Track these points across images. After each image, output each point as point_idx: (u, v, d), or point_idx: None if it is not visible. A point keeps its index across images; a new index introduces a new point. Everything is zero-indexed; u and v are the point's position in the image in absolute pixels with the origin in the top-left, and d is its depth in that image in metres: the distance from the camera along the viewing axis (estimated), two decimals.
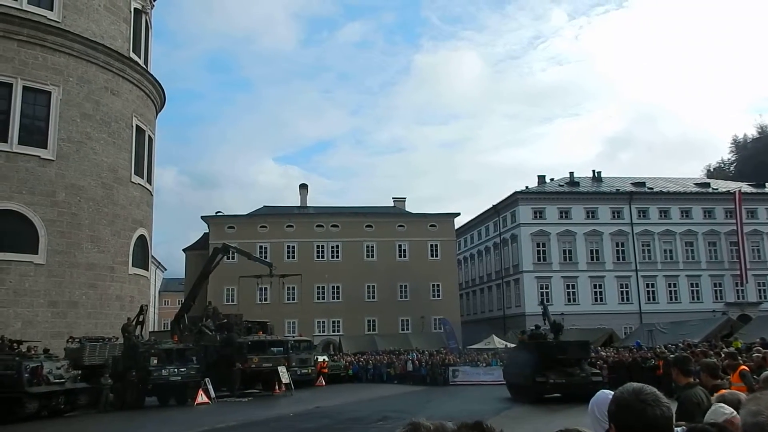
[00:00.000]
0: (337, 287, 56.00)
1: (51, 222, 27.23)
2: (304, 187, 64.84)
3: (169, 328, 34.35)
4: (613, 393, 2.96)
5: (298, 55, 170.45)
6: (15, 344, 21.87)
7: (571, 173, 61.49)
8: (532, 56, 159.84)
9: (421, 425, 1.79)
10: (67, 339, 25.12)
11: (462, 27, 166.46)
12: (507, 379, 25.23)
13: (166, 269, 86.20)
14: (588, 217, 56.26)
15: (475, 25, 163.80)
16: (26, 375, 19.31)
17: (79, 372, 21.65)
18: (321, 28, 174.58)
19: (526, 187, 58.72)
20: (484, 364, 34.30)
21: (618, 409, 1.91)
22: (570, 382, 21.32)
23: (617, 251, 56.14)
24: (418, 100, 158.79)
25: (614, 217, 56.52)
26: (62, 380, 20.51)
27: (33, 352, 21.84)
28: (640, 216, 56.75)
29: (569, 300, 54.66)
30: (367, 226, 57.74)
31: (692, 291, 55.94)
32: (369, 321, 54.78)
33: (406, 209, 63.00)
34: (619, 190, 58.22)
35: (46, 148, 27.48)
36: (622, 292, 55.55)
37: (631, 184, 60.05)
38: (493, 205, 61.77)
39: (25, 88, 27.09)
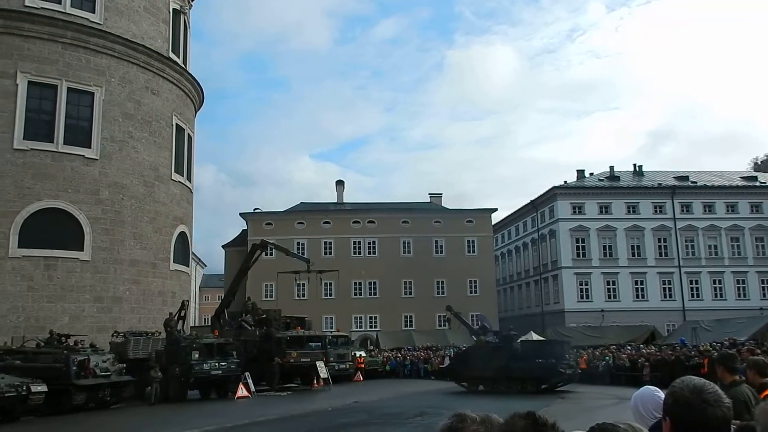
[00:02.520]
0: (374, 283, 56.15)
1: (95, 220, 27.91)
2: (340, 183, 65.15)
3: (209, 324, 34.91)
4: (657, 390, 2.92)
5: (333, 53, 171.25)
6: (63, 338, 22.51)
7: (611, 167, 60.41)
8: (570, 49, 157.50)
9: (467, 416, 1.80)
10: (112, 333, 25.77)
11: (496, 21, 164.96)
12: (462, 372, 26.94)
13: (206, 265, 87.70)
14: (629, 212, 55.23)
15: (509, 19, 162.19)
16: (74, 368, 19.82)
17: (124, 365, 22.15)
18: (355, 25, 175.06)
19: (565, 182, 57.94)
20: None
21: (676, 406, 1.84)
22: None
23: (659, 247, 54.99)
24: (453, 96, 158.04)
25: (656, 211, 55.37)
26: (108, 373, 21.02)
27: (80, 345, 22.45)
28: (683, 211, 55.47)
29: (609, 296, 53.83)
30: (403, 222, 57.72)
31: (738, 288, 54.47)
32: (406, 317, 54.82)
33: (443, 205, 62.75)
34: (661, 184, 56.96)
35: (90, 147, 28.16)
36: (664, 288, 54.40)
37: (674, 178, 58.70)
38: (531, 201, 61.12)
39: (69, 89, 27.80)
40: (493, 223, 62.47)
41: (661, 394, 2.65)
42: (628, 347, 34.12)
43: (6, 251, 25.58)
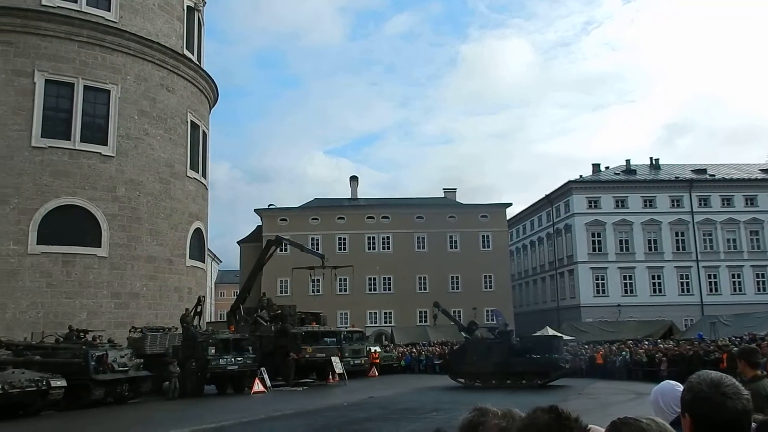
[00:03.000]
0: (389, 279, 56.16)
1: (112, 216, 28.16)
2: (354, 179, 65.16)
3: (225, 319, 35.12)
4: (678, 384, 2.89)
5: (345, 49, 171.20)
6: (81, 334, 22.76)
7: (628, 161, 59.91)
8: (585, 42, 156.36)
9: (488, 410, 1.80)
10: (129, 329, 25.99)
11: (510, 15, 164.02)
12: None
13: (221, 261, 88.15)
14: (645, 205, 54.76)
15: (523, 13, 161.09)
16: (92, 363, 20.02)
17: (141, 361, 22.35)
18: (367, 21, 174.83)
19: (580, 176, 57.53)
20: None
21: (695, 401, 1.81)
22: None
23: (677, 241, 54.48)
24: (467, 91, 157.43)
25: (673, 205, 54.84)
26: (126, 368, 21.20)
27: (98, 341, 22.70)
28: (701, 204, 54.89)
29: (626, 291, 53.46)
30: (417, 218, 57.66)
31: (758, 282, 53.85)
32: (420, 312, 54.74)
33: (457, 200, 62.61)
34: (678, 177, 56.38)
35: (106, 144, 28.40)
36: (682, 283, 53.89)
37: (691, 171, 58.10)
38: (546, 195, 60.78)
39: (85, 87, 28.04)
40: (508, 217, 62.22)
41: (681, 389, 2.62)
42: (646, 342, 33.90)
43: (25, 248, 25.89)
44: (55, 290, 26.26)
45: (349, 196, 63.51)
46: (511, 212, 63.32)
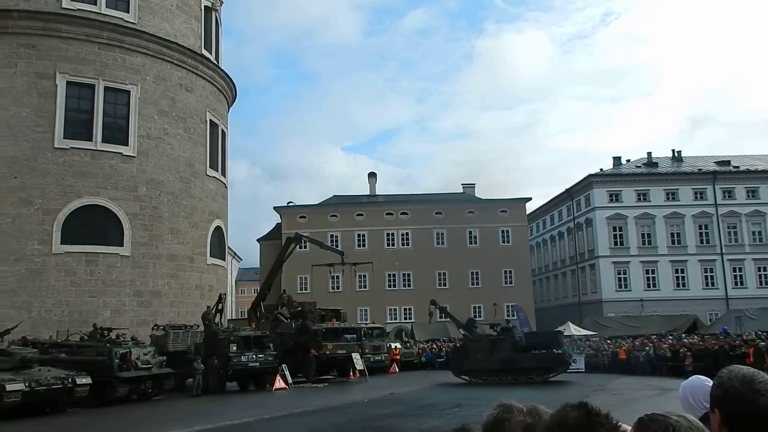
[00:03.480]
0: (408, 275, 56.15)
1: (134, 216, 28.44)
2: (372, 175, 65.22)
3: (246, 316, 35.32)
4: (707, 379, 2.83)
5: (362, 46, 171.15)
6: (105, 332, 23.01)
7: (649, 153, 59.25)
8: (603, 34, 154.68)
9: (513, 406, 1.78)
10: (152, 327, 26.22)
11: (527, 8, 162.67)
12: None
13: (241, 259, 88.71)
14: (668, 198, 54.13)
15: (540, 5, 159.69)
16: (116, 361, 20.26)
17: (164, 358, 22.55)
18: (383, 17, 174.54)
19: (601, 170, 57.03)
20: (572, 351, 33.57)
21: (726, 397, 1.76)
22: None
23: (700, 234, 53.79)
24: (484, 85, 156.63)
25: (697, 198, 54.14)
26: (149, 366, 21.42)
27: (122, 339, 22.95)
28: (725, 196, 54.12)
29: (649, 286, 52.94)
30: (436, 213, 57.54)
31: None
32: (446, 308, 54.53)
33: (476, 195, 62.37)
34: (701, 169, 55.63)
35: (127, 145, 28.67)
36: (706, 276, 53.23)
37: (715, 162, 57.30)
38: (566, 189, 60.36)
39: (106, 88, 28.32)
40: (528, 212, 61.88)
41: (711, 384, 2.57)
42: (669, 337, 33.59)
43: (50, 248, 26.26)
44: (79, 289, 26.61)
45: (368, 193, 63.56)
46: (530, 207, 63.04)
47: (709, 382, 2.74)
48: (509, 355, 25.29)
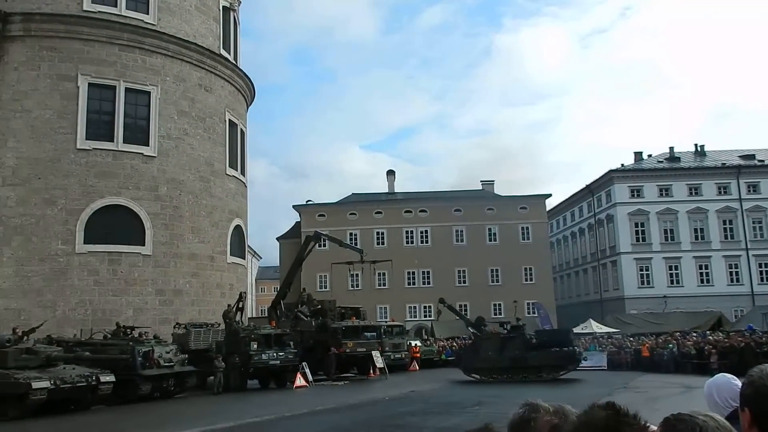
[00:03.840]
0: (428, 272, 56.06)
1: (155, 215, 28.71)
2: (391, 173, 65.18)
3: (266, 315, 35.49)
4: (733, 377, 2.78)
5: (380, 43, 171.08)
6: (128, 330, 23.27)
7: (671, 148, 58.48)
8: (623, 28, 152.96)
9: (540, 406, 1.76)
10: (173, 325, 26.49)
11: (545, 3, 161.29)
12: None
13: (261, 258, 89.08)
14: (691, 193, 53.42)
15: (559, 0, 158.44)
16: (139, 359, 20.47)
17: (186, 356, 22.75)
18: (401, 14, 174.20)
19: (622, 165, 56.43)
20: (582, 349, 33.33)
21: (757, 396, 1.72)
22: None
23: (725, 229, 53.01)
24: (503, 81, 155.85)
25: (720, 193, 53.36)
26: (171, 364, 21.61)
27: (144, 337, 23.18)
28: (750, 191, 53.27)
29: (672, 282, 52.31)
30: (455, 211, 57.36)
31: None
32: (460, 306, 54.25)
33: (495, 192, 62.06)
34: (725, 164, 54.80)
35: (148, 145, 28.94)
36: (731, 273, 52.44)
37: (739, 157, 56.34)
38: (587, 185, 59.83)
39: (127, 89, 28.62)
40: (548, 209, 61.44)
41: (738, 383, 2.52)
42: (693, 334, 33.14)
43: (73, 247, 26.60)
44: (102, 288, 26.92)
45: (387, 191, 63.53)
46: (550, 203, 62.58)
47: (736, 381, 2.69)
48: (519, 354, 25.31)
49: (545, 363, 24.98)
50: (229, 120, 33.51)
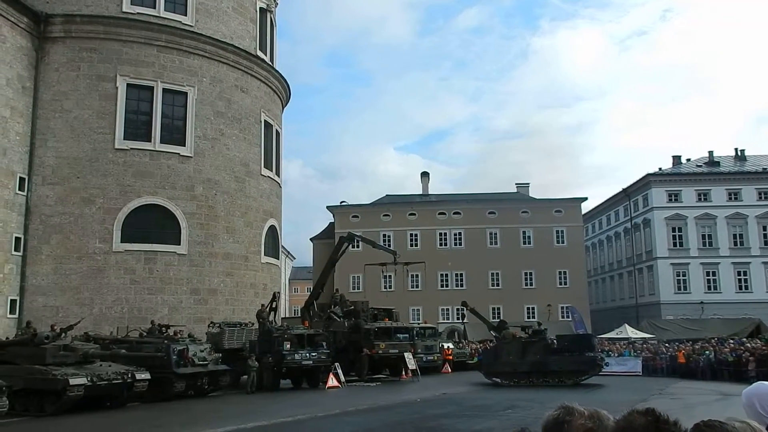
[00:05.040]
0: (461, 275, 55.79)
1: (191, 215, 29.06)
2: (425, 175, 65.06)
3: (299, 315, 35.68)
4: None
5: (415, 45, 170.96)
6: (163, 328, 23.57)
7: (710, 152, 57.27)
8: (662, 31, 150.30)
9: (575, 409, 1.72)
10: (208, 324, 26.76)
11: (583, 5, 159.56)
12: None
13: (294, 258, 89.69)
14: (730, 198, 52.25)
15: (597, 2, 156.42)
16: (174, 357, 20.68)
17: (220, 355, 22.95)
18: (437, 16, 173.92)
19: (660, 169, 55.42)
20: (616, 354, 32.84)
21: None
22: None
23: (764, 235, 51.70)
24: (539, 84, 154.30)
25: (761, 198, 52.08)
26: (205, 362, 21.81)
27: (179, 335, 23.39)
28: None
29: (709, 288, 51.21)
30: (489, 213, 57.00)
31: None
32: (493, 309, 54.07)
33: (530, 195, 61.48)
34: (766, 169, 53.47)
35: (184, 145, 29.31)
36: None
37: None
38: (623, 189, 58.91)
39: (164, 90, 29.02)
40: (584, 212, 60.70)
41: None
42: (731, 341, 32.38)
43: (110, 246, 27.07)
44: (139, 287, 27.34)
45: (420, 192, 63.41)
46: (586, 207, 61.82)
47: None
48: (540, 358, 25.17)
49: (566, 368, 24.80)
50: (265, 121, 33.77)
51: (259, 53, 34.03)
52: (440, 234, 56.83)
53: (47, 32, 27.75)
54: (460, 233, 56.71)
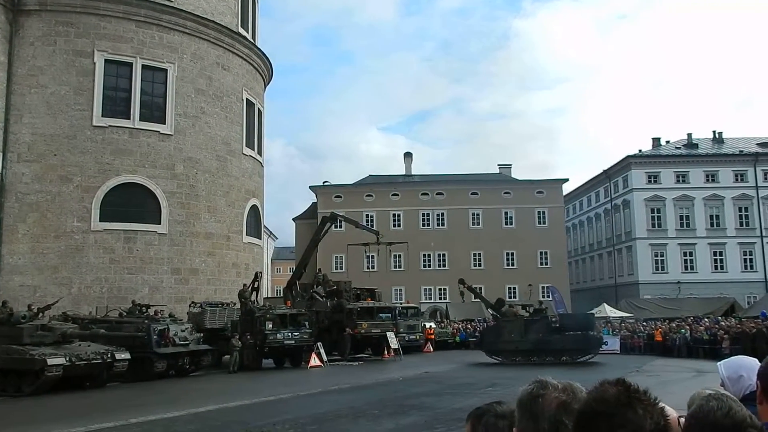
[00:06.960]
0: (443, 255, 56.01)
1: (171, 194, 28.77)
2: (408, 155, 64.96)
3: (281, 295, 35.64)
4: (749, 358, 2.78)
5: (398, 26, 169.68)
6: (144, 308, 23.42)
7: (689, 134, 57.76)
8: (644, 14, 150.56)
9: (548, 383, 1.74)
10: (189, 304, 26.65)
11: None
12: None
13: (277, 238, 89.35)
14: (708, 180, 52.88)
15: None
16: (155, 337, 20.60)
17: (201, 335, 22.89)
18: None
19: (639, 151, 55.85)
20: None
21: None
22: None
23: (740, 216, 52.51)
24: (522, 66, 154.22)
25: (737, 180, 52.78)
26: (186, 342, 21.75)
27: (160, 315, 23.29)
28: (766, 178, 52.62)
29: (686, 268, 52.01)
30: (472, 194, 57.14)
31: None
32: (475, 288, 54.44)
33: (512, 176, 61.71)
34: (743, 151, 54.09)
35: (164, 123, 28.92)
36: (745, 259, 52.14)
37: (757, 144, 55.53)
38: (604, 170, 59.34)
39: (143, 66, 28.53)
40: (565, 193, 61.09)
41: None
42: (706, 320, 33.00)
43: (89, 225, 26.74)
44: (118, 266, 27.09)
45: (404, 173, 63.34)
46: (567, 188, 62.21)
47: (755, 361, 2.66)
48: (543, 336, 25.31)
49: (568, 347, 25.02)
50: (247, 99, 33.41)
51: (241, 30, 33.55)
52: (423, 214, 56.92)
53: (21, 5, 27.05)
54: (442, 213, 56.85)
